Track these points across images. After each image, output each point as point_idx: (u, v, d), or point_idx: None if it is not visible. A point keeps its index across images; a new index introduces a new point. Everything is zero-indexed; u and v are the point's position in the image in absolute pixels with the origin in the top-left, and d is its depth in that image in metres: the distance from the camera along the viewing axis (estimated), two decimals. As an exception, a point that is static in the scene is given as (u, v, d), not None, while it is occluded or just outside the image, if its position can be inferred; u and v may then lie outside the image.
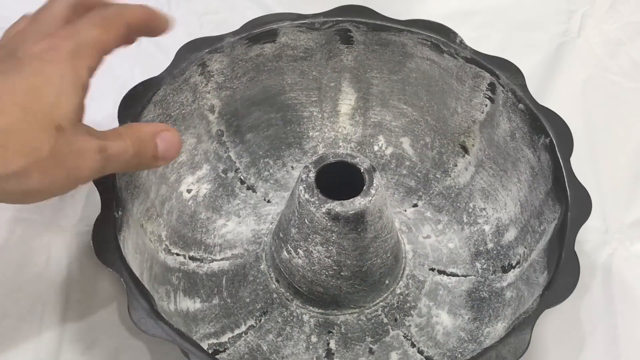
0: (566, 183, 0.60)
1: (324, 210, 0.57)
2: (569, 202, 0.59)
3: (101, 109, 0.76)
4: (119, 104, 0.64)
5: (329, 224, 0.58)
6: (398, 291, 0.64)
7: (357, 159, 0.60)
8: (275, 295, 0.63)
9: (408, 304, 0.64)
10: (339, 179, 0.60)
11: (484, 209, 0.69)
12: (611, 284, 0.66)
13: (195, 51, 0.67)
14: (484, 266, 0.66)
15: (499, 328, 0.61)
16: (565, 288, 0.55)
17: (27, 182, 0.47)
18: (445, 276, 0.66)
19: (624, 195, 0.72)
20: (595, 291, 0.66)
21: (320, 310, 0.63)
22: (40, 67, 0.49)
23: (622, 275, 0.67)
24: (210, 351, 0.60)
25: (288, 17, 0.69)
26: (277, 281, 0.64)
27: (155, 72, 0.66)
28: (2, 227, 0.68)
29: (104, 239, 0.56)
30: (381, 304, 0.63)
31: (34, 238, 0.67)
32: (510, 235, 0.66)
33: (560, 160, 0.61)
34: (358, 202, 0.58)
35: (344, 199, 0.58)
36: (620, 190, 0.72)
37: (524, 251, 0.64)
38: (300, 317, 0.63)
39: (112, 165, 0.52)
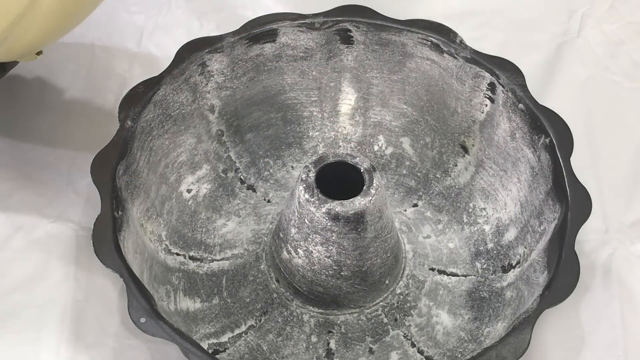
0: (566, 183, 0.60)
1: (324, 210, 0.57)
2: (569, 202, 0.59)
3: (101, 109, 0.77)
4: (119, 103, 0.64)
5: (329, 224, 0.58)
6: (398, 291, 0.64)
7: (357, 159, 0.60)
8: (275, 295, 0.64)
9: (408, 304, 0.64)
10: (339, 179, 0.60)
11: (484, 208, 0.69)
12: (611, 284, 0.66)
13: (195, 51, 0.67)
14: (484, 266, 0.66)
15: (499, 328, 0.61)
16: (565, 288, 0.55)
17: None
18: (445, 276, 0.66)
19: (624, 195, 0.72)
20: (595, 291, 0.66)
21: (320, 310, 0.63)
22: None
23: (622, 275, 0.67)
24: (210, 351, 0.60)
25: (288, 17, 0.69)
26: (277, 281, 0.64)
27: (155, 72, 0.66)
28: (2, 227, 0.68)
29: (104, 239, 0.57)
30: (381, 303, 0.63)
31: (35, 238, 0.67)
32: (510, 235, 0.66)
33: (560, 160, 0.61)
34: (358, 202, 0.58)
35: (344, 199, 0.58)
36: (620, 190, 0.72)
37: (524, 251, 0.64)
38: (300, 317, 0.63)
39: None
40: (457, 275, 0.66)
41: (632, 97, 0.79)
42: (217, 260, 0.66)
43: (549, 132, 0.62)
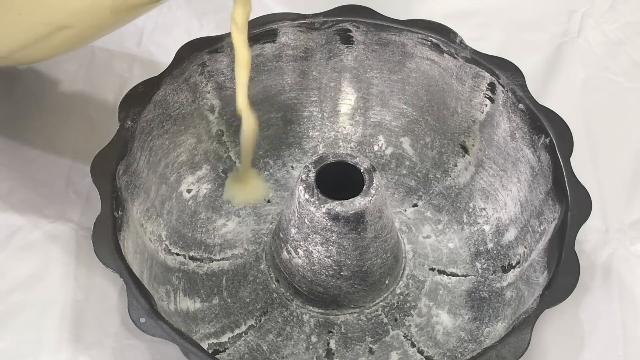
0: (566, 183, 0.60)
1: (324, 210, 0.57)
2: (569, 202, 0.59)
3: (101, 109, 0.77)
4: (119, 103, 0.64)
5: (329, 224, 0.58)
6: (398, 291, 0.64)
7: (357, 159, 0.60)
8: (275, 295, 0.64)
9: (408, 304, 0.64)
10: (339, 179, 0.60)
11: (484, 209, 0.69)
12: (611, 284, 0.66)
13: (195, 51, 0.67)
14: (484, 266, 0.66)
15: (499, 328, 0.61)
16: (565, 288, 0.55)
17: None
18: (445, 276, 0.66)
19: (624, 195, 0.72)
20: (595, 291, 0.66)
21: (320, 310, 0.63)
22: None
23: (622, 275, 0.67)
24: (210, 351, 0.60)
25: (288, 17, 0.69)
26: (277, 281, 0.64)
27: (155, 72, 0.66)
28: (2, 227, 0.68)
29: (104, 239, 0.56)
30: (381, 304, 0.63)
31: (35, 238, 0.67)
32: (510, 235, 0.66)
33: (560, 160, 0.61)
34: (358, 202, 0.58)
35: (344, 199, 0.58)
36: (620, 190, 0.72)
37: (524, 251, 0.64)
38: (300, 317, 0.63)
39: None
40: (457, 275, 0.66)
41: (632, 97, 0.79)
42: (217, 260, 0.66)
43: (549, 132, 0.62)
